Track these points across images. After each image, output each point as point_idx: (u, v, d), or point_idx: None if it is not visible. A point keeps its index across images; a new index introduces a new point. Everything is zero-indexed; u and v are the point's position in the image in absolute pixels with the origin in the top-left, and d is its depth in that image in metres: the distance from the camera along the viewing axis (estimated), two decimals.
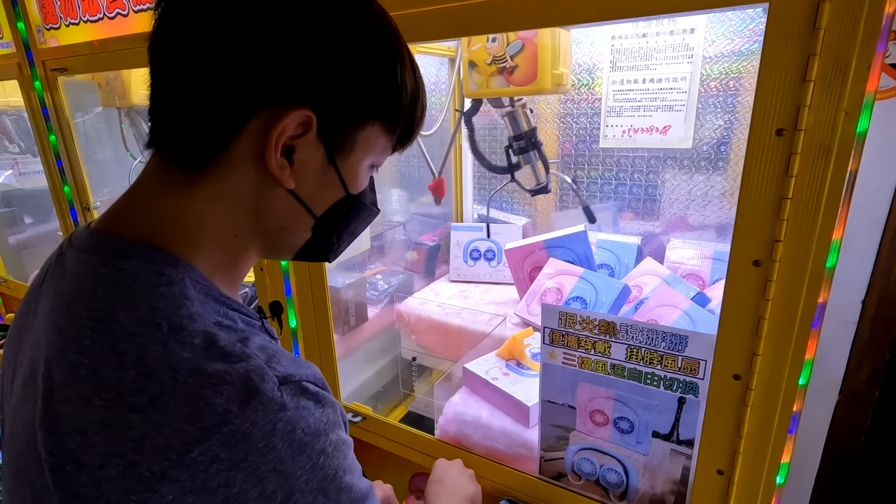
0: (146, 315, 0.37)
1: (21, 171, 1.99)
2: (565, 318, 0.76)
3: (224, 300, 0.43)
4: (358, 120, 0.44)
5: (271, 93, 0.40)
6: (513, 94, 1.07)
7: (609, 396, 0.76)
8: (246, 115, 0.40)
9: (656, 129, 1.22)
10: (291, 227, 0.47)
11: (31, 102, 1.45)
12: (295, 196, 0.45)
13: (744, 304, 0.60)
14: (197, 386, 0.35)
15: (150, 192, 0.43)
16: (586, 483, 0.83)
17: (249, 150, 0.41)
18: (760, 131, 0.54)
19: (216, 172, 0.42)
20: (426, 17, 0.71)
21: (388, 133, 0.47)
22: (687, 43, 1.12)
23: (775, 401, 0.61)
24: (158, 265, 0.39)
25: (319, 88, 0.41)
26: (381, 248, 1.53)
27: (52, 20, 1.27)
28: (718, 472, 0.68)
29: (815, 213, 0.54)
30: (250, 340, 0.40)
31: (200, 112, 0.40)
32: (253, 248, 0.47)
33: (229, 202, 0.43)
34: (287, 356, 0.41)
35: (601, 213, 1.41)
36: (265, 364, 0.38)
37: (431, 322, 1.32)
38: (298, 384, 0.39)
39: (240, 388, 0.35)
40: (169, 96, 0.41)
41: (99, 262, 0.40)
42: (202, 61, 0.39)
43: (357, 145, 0.45)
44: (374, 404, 1.31)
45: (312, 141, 0.42)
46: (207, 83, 0.40)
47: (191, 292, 0.39)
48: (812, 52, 0.50)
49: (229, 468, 0.34)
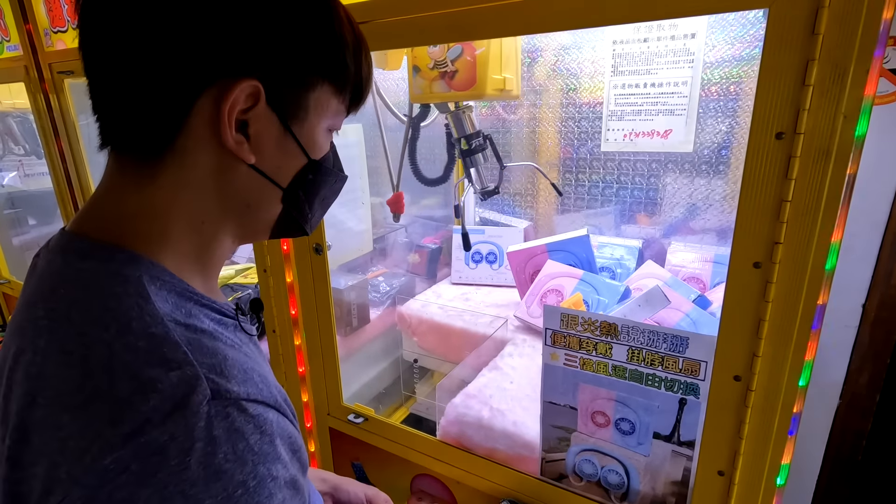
0: (97, 316, 0.36)
1: (26, 173, 2.00)
2: (567, 320, 0.76)
3: (192, 296, 0.41)
4: (305, 83, 0.43)
5: (214, 66, 0.39)
6: (454, 98, 1.06)
7: (610, 397, 0.77)
8: (191, 94, 0.39)
9: (657, 133, 1.23)
10: (260, 203, 0.46)
11: (37, 104, 1.46)
12: (257, 170, 0.44)
13: (744, 305, 0.60)
14: (128, 391, 0.33)
15: (110, 192, 0.42)
16: (587, 484, 0.83)
17: (203, 131, 0.40)
18: (760, 135, 0.55)
19: (173, 160, 0.41)
20: (426, 22, 0.72)
21: (339, 94, 0.47)
22: (688, 48, 1.13)
23: (776, 402, 0.62)
24: (117, 265, 0.38)
25: (261, 56, 0.40)
26: (382, 250, 1.54)
27: (59, 23, 1.29)
28: (719, 472, 0.68)
29: (814, 216, 0.54)
30: (201, 343, 0.38)
31: (144, 98, 0.39)
32: (225, 232, 0.46)
33: (192, 188, 0.42)
34: (242, 368, 0.39)
35: (602, 217, 1.42)
36: (204, 374, 0.35)
37: (433, 324, 1.33)
38: (236, 402, 0.36)
39: (167, 397, 0.33)
40: (108, 89, 0.40)
41: (63, 262, 0.40)
42: (136, 45, 0.38)
43: (310, 109, 0.44)
44: (375, 406, 1.31)
45: (264, 111, 0.41)
46: (145, 66, 0.38)
47: (148, 291, 0.38)
48: (811, 56, 0.50)
49: (137, 482, 0.32)
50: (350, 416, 1.07)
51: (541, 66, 1.38)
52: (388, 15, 0.75)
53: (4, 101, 1.91)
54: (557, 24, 0.66)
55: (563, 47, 1.33)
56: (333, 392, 1.10)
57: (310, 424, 1.17)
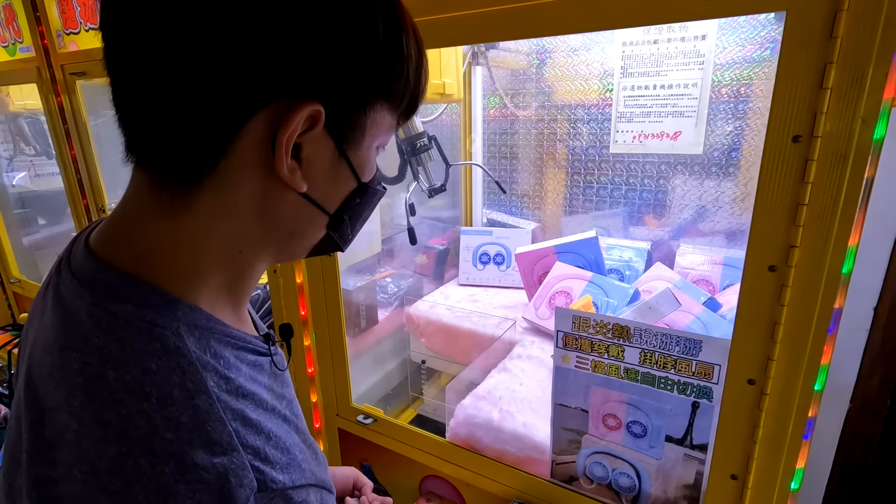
0: (136, 379, 0.33)
1: (36, 173, 2.02)
2: (578, 322, 0.76)
3: (230, 339, 0.39)
4: (366, 103, 0.39)
5: (270, 86, 0.34)
6: None
7: (622, 400, 0.76)
8: (242, 116, 0.35)
9: (667, 135, 1.22)
10: (305, 231, 0.43)
11: (49, 105, 1.47)
12: (307, 198, 0.40)
13: (759, 309, 0.60)
14: (172, 479, 0.31)
15: (140, 216, 0.38)
16: (598, 487, 0.83)
17: (250, 156, 0.36)
18: (777, 138, 0.55)
19: (213, 185, 0.36)
20: (447, 24, 0.72)
21: (394, 110, 0.43)
22: (698, 49, 1.13)
23: (790, 406, 0.61)
24: (152, 313, 0.35)
25: (325, 75, 0.35)
26: (390, 251, 1.54)
27: (71, 25, 1.30)
28: (732, 476, 0.68)
29: (831, 219, 0.54)
30: (247, 418, 0.36)
31: (186, 118, 0.34)
32: (261, 260, 0.43)
33: (231, 217, 0.38)
34: (284, 447, 0.37)
35: (611, 219, 1.42)
36: (249, 461, 0.34)
37: (441, 325, 1.33)
38: (281, 493, 0.35)
39: (214, 491, 0.32)
40: (140, 100, 0.35)
41: (92, 301, 0.36)
42: (180, 54, 0.32)
43: (366, 131, 0.40)
44: (382, 406, 1.31)
45: (320, 135, 0.37)
46: (190, 81, 0.33)
47: (188, 348, 0.35)
48: (829, 59, 0.50)
49: None
50: (359, 417, 1.08)
51: (550, 67, 1.38)
52: None
53: (16, 102, 1.93)
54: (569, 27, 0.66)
55: (573, 49, 1.33)
56: (342, 393, 1.10)
57: (318, 425, 1.17)
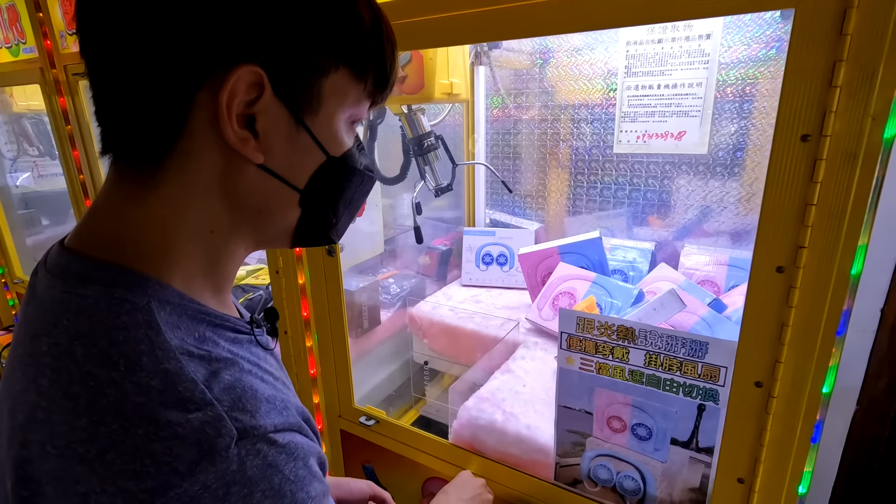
0: (103, 351, 0.33)
1: (40, 174, 2.02)
2: (583, 323, 0.75)
3: (204, 317, 0.39)
4: (317, 66, 0.38)
5: (210, 55, 0.34)
6: (404, 102, 1.14)
7: (627, 402, 0.76)
8: (188, 88, 0.35)
9: (671, 135, 1.21)
10: (273, 208, 0.42)
11: (52, 106, 1.48)
12: (267, 170, 0.39)
13: (766, 310, 0.59)
14: (146, 439, 0.31)
15: (110, 203, 0.39)
16: (602, 490, 0.83)
17: (206, 131, 0.36)
18: (785, 137, 0.54)
19: (175, 165, 0.37)
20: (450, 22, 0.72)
21: (359, 80, 0.41)
22: (703, 48, 1.12)
23: (798, 409, 0.61)
24: (122, 290, 0.35)
25: (261, 38, 0.35)
26: (393, 251, 1.54)
27: (74, 26, 1.30)
28: (739, 480, 0.67)
29: (840, 220, 0.53)
30: (219, 377, 0.35)
31: (138, 96, 0.35)
32: (237, 241, 0.42)
33: (197, 195, 0.38)
34: (264, 397, 0.37)
35: (614, 219, 1.41)
36: (226, 412, 0.34)
37: (444, 326, 1.32)
38: (263, 437, 0.35)
39: (191, 444, 0.32)
40: (105, 89, 0.37)
41: (63, 288, 0.36)
42: (126, 37, 0.34)
43: (324, 97, 0.39)
44: (385, 408, 1.31)
45: (271, 103, 0.37)
46: (137, 60, 0.34)
47: (158, 319, 0.35)
48: (839, 57, 0.49)
49: None
50: (362, 419, 1.07)
51: (553, 67, 1.37)
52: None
53: (20, 103, 1.94)
54: (573, 26, 0.65)
55: (576, 49, 1.32)
56: (345, 394, 1.10)
57: (321, 426, 1.17)
